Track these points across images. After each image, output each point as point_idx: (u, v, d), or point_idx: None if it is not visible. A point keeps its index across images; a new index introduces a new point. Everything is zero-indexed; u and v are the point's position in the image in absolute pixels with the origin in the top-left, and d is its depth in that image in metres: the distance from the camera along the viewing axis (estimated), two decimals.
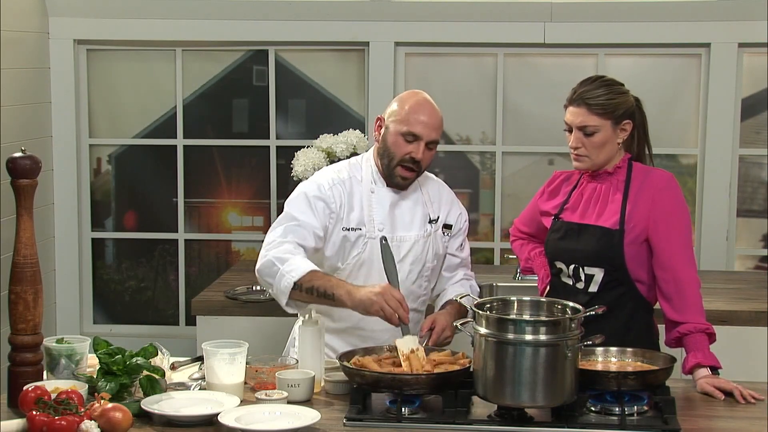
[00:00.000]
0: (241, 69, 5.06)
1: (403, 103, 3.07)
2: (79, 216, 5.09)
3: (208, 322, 4.01)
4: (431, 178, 3.26)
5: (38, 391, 2.51)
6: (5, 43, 4.49)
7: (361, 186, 3.11)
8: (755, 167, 4.91)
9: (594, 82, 3.00)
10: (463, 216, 3.25)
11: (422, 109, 3.04)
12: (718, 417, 2.66)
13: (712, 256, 4.85)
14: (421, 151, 3.03)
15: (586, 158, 3.01)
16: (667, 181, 3.00)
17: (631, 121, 3.01)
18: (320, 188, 3.07)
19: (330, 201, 3.05)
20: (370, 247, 3.07)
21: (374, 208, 3.09)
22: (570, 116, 3.00)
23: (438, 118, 3.07)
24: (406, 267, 3.11)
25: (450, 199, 3.24)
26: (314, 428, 2.49)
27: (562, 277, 3.10)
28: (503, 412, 2.57)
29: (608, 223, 2.99)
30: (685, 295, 2.92)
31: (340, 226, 3.06)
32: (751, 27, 4.71)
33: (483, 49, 4.94)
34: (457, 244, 3.24)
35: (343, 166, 3.17)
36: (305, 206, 3.04)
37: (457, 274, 3.26)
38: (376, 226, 3.08)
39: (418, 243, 3.12)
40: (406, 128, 3.03)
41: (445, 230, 3.19)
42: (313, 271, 2.90)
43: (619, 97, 2.99)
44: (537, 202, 3.24)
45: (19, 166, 2.64)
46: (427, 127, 3.03)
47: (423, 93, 3.12)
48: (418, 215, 3.15)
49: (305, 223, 3.01)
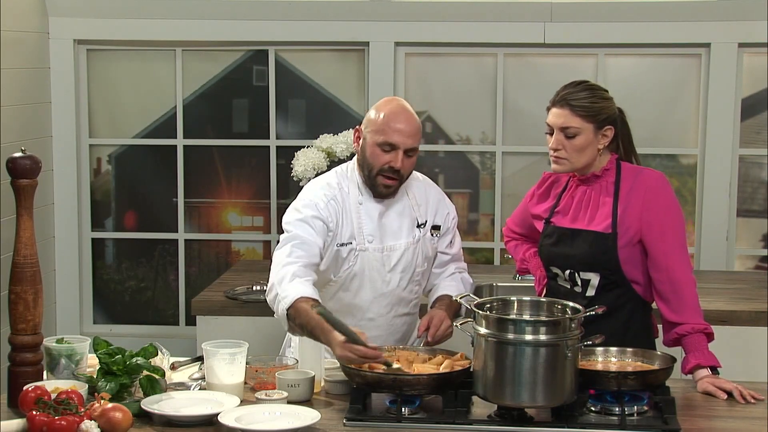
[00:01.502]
0: (241, 69, 5.06)
1: (378, 112, 3.03)
2: (79, 216, 5.09)
3: (208, 322, 4.01)
4: (417, 179, 3.22)
5: (38, 391, 2.51)
6: (5, 43, 4.49)
7: (349, 198, 3.08)
8: (755, 167, 4.91)
9: (578, 85, 3.00)
10: (450, 214, 3.23)
11: (397, 117, 3.00)
12: (718, 417, 2.66)
13: (712, 256, 4.85)
14: (400, 160, 3.00)
15: (565, 161, 2.99)
16: (658, 181, 2.98)
17: (612, 127, 2.98)
18: (317, 207, 3.02)
19: (328, 220, 3.02)
20: (361, 259, 3.06)
21: (363, 220, 3.07)
22: (552, 117, 3.00)
23: (414, 125, 3.02)
24: (397, 276, 3.10)
25: (437, 199, 3.21)
26: (314, 428, 2.49)
27: (559, 281, 3.10)
28: (503, 412, 2.58)
29: (600, 227, 2.98)
30: (682, 296, 2.91)
31: (335, 242, 3.04)
32: (751, 27, 4.71)
33: (483, 49, 4.93)
34: (446, 242, 3.22)
35: (331, 179, 3.13)
36: (307, 225, 2.99)
37: (449, 269, 3.25)
38: (366, 238, 3.06)
39: (408, 251, 3.11)
40: (382, 138, 2.99)
41: (434, 231, 3.17)
42: (302, 301, 2.80)
43: (603, 102, 2.97)
44: (527, 206, 3.23)
45: (19, 166, 2.64)
46: (403, 135, 2.99)
47: (399, 100, 3.09)
48: (406, 222, 3.13)
49: (310, 240, 2.98)
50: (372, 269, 3.07)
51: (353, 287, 3.07)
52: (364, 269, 3.06)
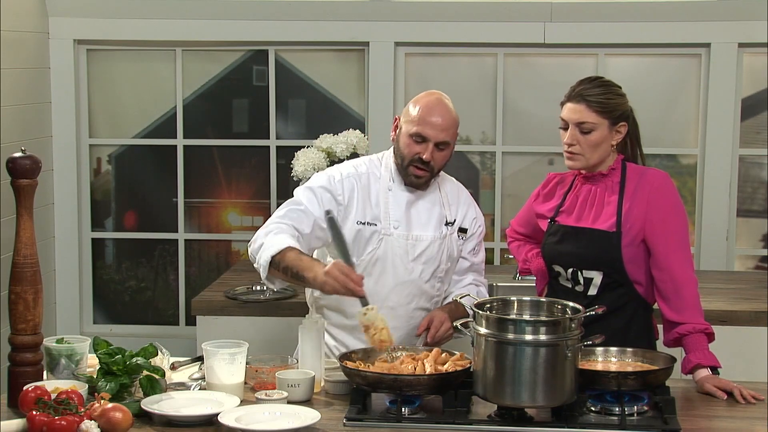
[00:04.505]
0: (241, 69, 5.06)
1: (416, 103, 3.08)
2: (79, 216, 5.09)
3: (208, 322, 4.01)
4: (450, 180, 3.27)
5: (38, 391, 2.51)
6: (5, 43, 4.49)
7: (379, 183, 3.13)
8: (755, 167, 4.91)
9: (593, 81, 3.01)
10: (478, 220, 3.25)
11: (432, 110, 3.05)
12: (718, 417, 2.66)
13: (712, 256, 4.85)
14: (430, 152, 3.04)
15: (580, 156, 3.00)
16: (663, 181, 3.00)
17: (626, 124, 3.01)
18: (330, 180, 3.09)
19: (337, 193, 3.07)
20: (385, 243, 3.08)
21: (390, 205, 3.11)
22: (567, 113, 3.00)
23: (450, 119, 3.07)
24: (420, 266, 3.12)
25: (467, 203, 3.25)
26: (314, 428, 2.49)
27: (561, 281, 3.10)
28: (503, 412, 2.57)
29: (605, 225, 2.99)
30: (683, 295, 2.92)
31: (353, 218, 3.07)
32: (751, 27, 4.71)
33: (483, 49, 4.94)
34: (470, 248, 3.24)
35: (363, 161, 3.19)
36: (311, 195, 3.06)
37: (466, 278, 3.26)
38: (392, 223, 3.09)
39: (433, 243, 3.13)
40: (414, 129, 3.04)
41: (461, 234, 3.20)
42: (289, 248, 2.89)
43: (618, 98, 3.00)
44: (532, 205, 3.24)
45: (19, 166, 2.64)
46: (434, 129, 3.03)
47: (438, 94, 3.12)
48: (434, 216, 3.15)
49: (308, 209, 3.03)
50: (395, 255, 3.09)
51: (375, 272, 3.08)
52: (387, 254, 3.08)
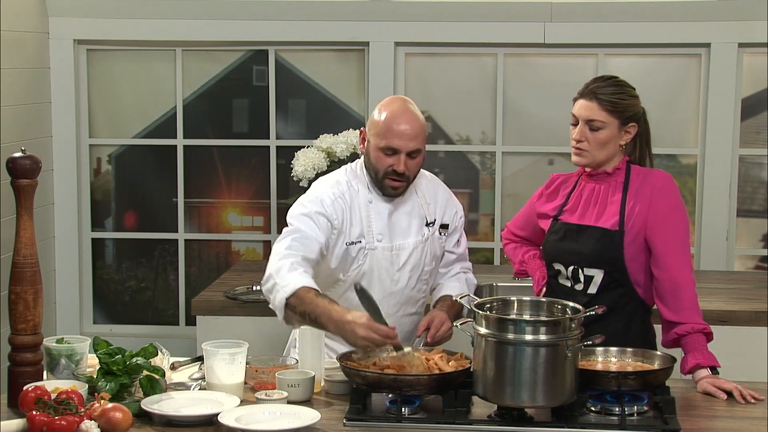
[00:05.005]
0: (241, 69, 5.06)
1: (380, 114, 3.01)
2: (79, 216, 5.09)
3: (208, 322, 4.01)
4: (425, 178, 3.22)
5: (38, 391, 2.51)
6: (5, 43, 4.49)
7: (359, 197, 3.07)
8: (755, 167, 4.91)
9: (607, 80, 3.03)
10: (458, 213, 3.24)
11: (398, 120, 2.98)
12: (718, 417, 2.66)
13: (712, 256, 4.85)
14: (403, 163, 2.98)
15: (587, 153, 3.01)
16: (666, 181, 3.02)
17: (636, 125, 3.02)
18: (323, 204, 3.01)
19: (333, 217, 3.01)
20: (370, 258, 3.05)
21: (372, 218, 3.07)
22: (578, 109, 3.01)
23: (417, 126, 2.99)
24: (406, 274, 3.10)
25: (445, 198, 3.22)
26: (314, 428, 2.49)
27: (560, 279, 3.10)
28: (503, 412, 2.57)
29: (608, 223, 3.00)
30: (681, 295, 2.92)
31: (343, 240, 3.03)
32: (751, 27, 4.71)
33: (483, 49, 4.93)
34: (453, 241, 3.23)
35: (341, 177, 3.11)
36: (310, 221, 2.99)
37: (454, 268, 3.25)
38: (375, 237, 3.06)
39: (416, 249, 3.11)
40: (384, 143, 2.98)
41: (442, 230, 3.18)
42: (304, 290, 2.80)
43: (630, 99, 3.01)
44: (534, 205, 3.24)
45: (19, 166, 2.64)
46: (403, 138, 2.97)
47: (401, 100, 3.05)
48: (415, 221, 3.13)
49: (311, 236, 2.96)
50: (381, 268, 3.06)
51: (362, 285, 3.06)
52: (373, 268, 3.06)
